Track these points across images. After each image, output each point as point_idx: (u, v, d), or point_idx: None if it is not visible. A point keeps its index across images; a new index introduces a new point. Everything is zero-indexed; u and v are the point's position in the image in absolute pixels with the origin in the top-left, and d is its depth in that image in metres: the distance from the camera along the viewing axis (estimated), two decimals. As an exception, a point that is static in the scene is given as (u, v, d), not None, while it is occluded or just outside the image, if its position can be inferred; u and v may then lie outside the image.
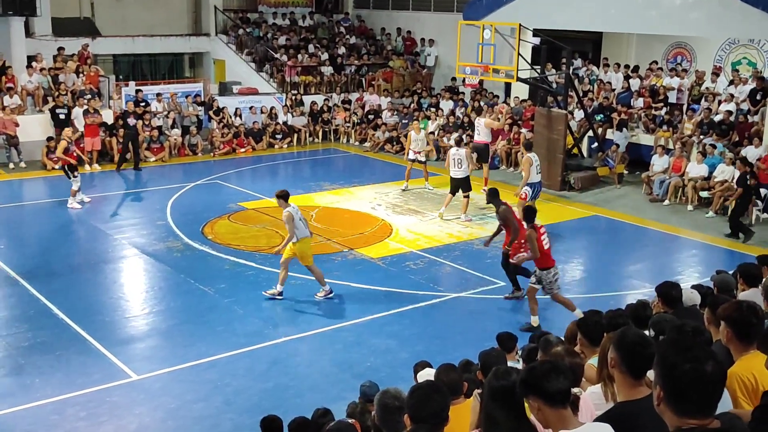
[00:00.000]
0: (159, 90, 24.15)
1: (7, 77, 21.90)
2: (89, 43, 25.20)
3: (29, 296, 11.89)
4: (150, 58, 29.54)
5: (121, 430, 8.25)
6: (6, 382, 9.31)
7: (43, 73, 22.57)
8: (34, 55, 23.34)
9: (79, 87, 22.48)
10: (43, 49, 24.17)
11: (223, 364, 9.82)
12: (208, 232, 15.40)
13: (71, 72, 23.02)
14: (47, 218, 16.80)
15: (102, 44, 26.79)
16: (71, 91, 22.30)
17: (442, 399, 3.97)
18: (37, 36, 25.20)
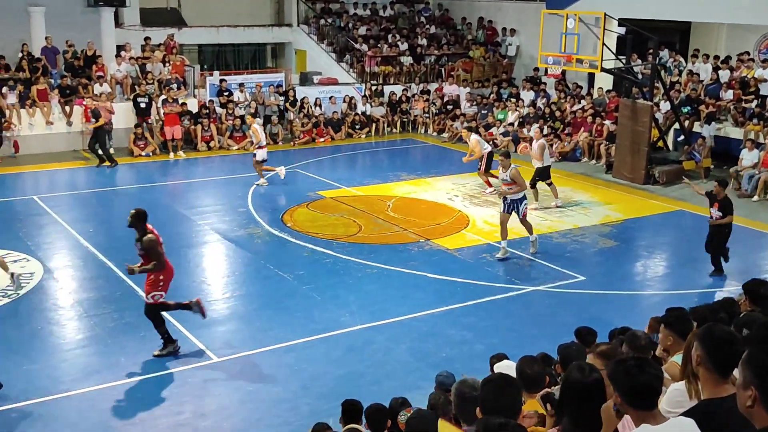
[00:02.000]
0: (242, 80, 24.60)
1: (98, 66, 22.66)
2: (175, 33, 25.81)
3: (116, 278, 12.29)
4: (234, 48, 30.08)
5: (201, 410, 8.46)
6: (93, 360, 9.66)
7: (131, 63, 23.26)
8: (123, 45, 24.08)
9: (165, 76, 23.08)
10: (131, 39, 24.91)
11: (301, 349, 9.96)
12: (287, 220, 15.63)
13: (158, 61, 23.64)
14: (134, 203, 17.27)
15: (187, 34, 27.42)
16: (158, 80, 22.92)
17: (514, 392, 3.93)
18: (126, 26, 25.98)
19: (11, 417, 8.24)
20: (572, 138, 21.87)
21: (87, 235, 14.34)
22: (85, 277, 12.47)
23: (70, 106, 21.51)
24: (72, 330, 10.53)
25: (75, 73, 22.48)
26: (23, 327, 10.48)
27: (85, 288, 12.03)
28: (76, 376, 9.23)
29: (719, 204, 12.50)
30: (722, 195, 12.53)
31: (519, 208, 13.37)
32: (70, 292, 11.83)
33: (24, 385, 8.90)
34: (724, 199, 12.51)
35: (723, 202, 12.49)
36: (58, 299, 11.57)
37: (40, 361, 9.56)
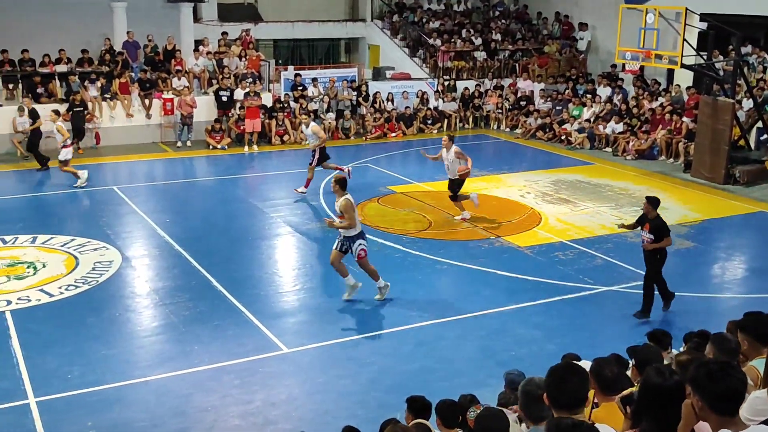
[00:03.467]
0: (316, 75, 24.81)
1: (176, 60, 23.18)
2: (251, 28, 26.21)
3: (191, 268, 12.57)
4: (308, 43, 30.36)
5: (271, 399, 8.59)
6: (168, 348, 9.90)
7: (209, 57, 23.72)
8: (201, 40, 24.57)
9: (241, 71, 23.47)
10: (209, 34, 25.40)
11: (369, 343, 10.01)
12: (358, 214, 15.67)
13: (235, 56, 24.05)
14: (210, 195, 17.71)
15: (263, 29, 27.81)
16: (234, 74, 23.32)
17: (581, 381, 3.86)
18: (204, 21, 26.51)
19: (90, 400, 8.51)
20: (649, 136, 21.36)
21: (164, 226, 14.70)
22: (161, 267, 12.79)
23: (149, 99, 22.08)
24: (148, 317, 10.82)
25: (154, 67, 23.05)
26: (102, 313, 10.81)
27: (162, 277, 12.33)
28: (151, 363, 9.48)
29: (650, 226, 10.64)
30: (653, 215, 10.68)
31: (352, 248, 11.13)
32: (147, 281, 12.15)
33: (102, 370, 9.19)
34: (655, 220, 10.65)
35: (654, 224, 10.62)
36: (136, 287, 11.90)
37: (118, 346, 9.85)
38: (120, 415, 8.22)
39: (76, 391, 8.66)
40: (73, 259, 12.83)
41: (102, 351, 9.67)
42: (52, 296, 11.36)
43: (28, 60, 21.81)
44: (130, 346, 9.92)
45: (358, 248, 11.08)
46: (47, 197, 17.01)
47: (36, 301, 11.17)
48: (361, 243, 11.12)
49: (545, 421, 3.83)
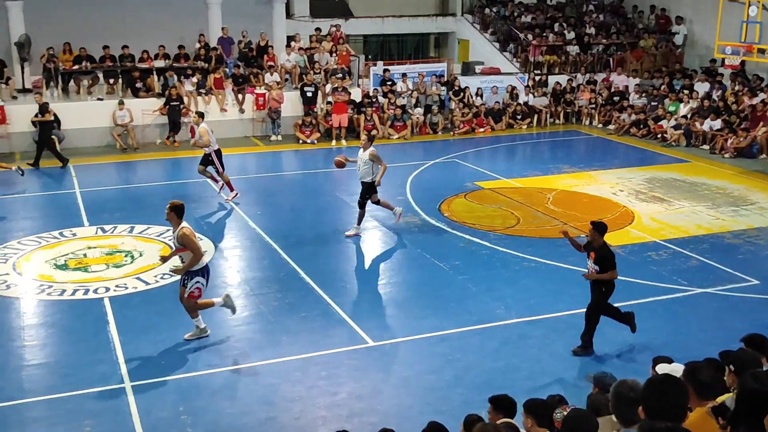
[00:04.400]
0: (405, 70, 24.85)
1: (269, 56, 23.61)
2: (342, 24, 26.44)
3: (281, 260, 12.80)
4: (398, 38, 30.45)
5: (357, 392, 8.66)
6: (257, 337, 10.11)
7: (300, 53, 24.07)
8: (293, 36, 24.96)
9: (331, 66, 23.71)
10: (301, 30, 25.79)
11: (455, 339, 9.97)
12: (444, 210, 15.66)
13: (325, 51, 24.32)
14: (299, 188, 17.98)
15: (354, 25, 28.04)
16: (324, 69, 23.58)
17: (680, 394, 3.74)
18: (296, 17, 26.94)
19: (182, 386, 8.77)
20: (749, 133, 20.52)
21: (255, 218, 15.01)
22: (251, 258, 13.06)
23: (242, 94, 22.56)
24: (238, 307, 11.02)
25: (248, 63, 23.53)
26: (195, 302, 11.11)
27: (252, 268, 12.60)
28: (241, 351, 9.70)
29: (596, 255, 9.48)
30: (599, 242, 9.48)
31: (188, 283, 9.64)
32: (238, 271, 12.43)
33: (194, 357, 9.46)
34: (601, 248, 9.47)
35: (600, 253, 9.46)
36: (227, 277, 12.19)
37: (210, 334, 10.10)
38: (210, 401, 8.44)
39: (170, 377, 8.95)
40: (169, 248, 13.23)
41: (194, 339, 9.93)
42: (148, 284, 11.75)
43: (128, 56, 22.60)
44: (220, 334, 10.17)
45: (194, 286, 9.61)
46: (144, 188, 17.61)
47: (133, 288, 11.59)
48: (198, 281, 9.64)
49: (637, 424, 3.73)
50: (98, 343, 9.79)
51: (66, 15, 23.16)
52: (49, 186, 17.53)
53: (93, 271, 12.28)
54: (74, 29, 22.87)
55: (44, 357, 9.51)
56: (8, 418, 8.14)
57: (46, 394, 8.62)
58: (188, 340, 9.83)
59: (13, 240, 13.64)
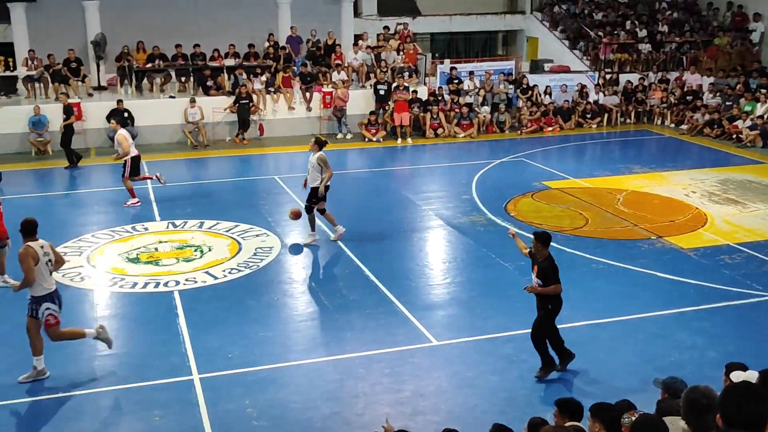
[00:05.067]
0: (472, 68, 24.72)
1: (336, 55, 23.76)
2: (409, 22, 26.45)
3: (346, 257, 12.88)
4: (465, 36, 30.32)
5: (420, 390, 8.65)
6: (321, 333, 10.20)
7: (367, 51, 24.16)
8: (360, 34, 25.07)
9: (398, 64, 23.73)
10: (368, 28, 25.90)
11: (520, 341, 9.85)
12: (510, 209, 15.52)
13: (392, 50, 24.36)
14: (364, 186, 18.06)
15: (421, 23, 28.02)
16: (391, 68, 23.62)
17: (761, 402, 3.61)
18: (363, 16, 27.05)
19: (249, 380, 8.90)
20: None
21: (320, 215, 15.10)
22: (317, 255, 13.17)
23: (309, 93, 22.76)
24: (304, 303, 11.18)
25: (315, 61, 23.74)
26: (261, 297, 11.28)
27: (317, 264, 12.71)
28: (306, 347, 9.80)
29: (538, 268, 8.77)
30: (543, 255, 8.80)
31: (38, 311, 8.68)
32: (304, 268, 12.55)
33: (260, 351, 9.59)
34: (545, 261, 8.75)
35: (542, 266, 8.75)
36: (293, 273, 12.32)
37: (275, 329, 10.24)
38: (275, 395, 8.55)
39: (236, 370, 9.09)
40: (237, 244, 13.47)
41: (260, 333, 10.08)
42: (217, 279, 11.97)
43: (199, 54, 23.04)
44: (286, 329, 10.29)
45: (45, 314, 8.67)
46: (214, 185, 17.94)
47: (202, 282, 11.81)
48: (48, 308, 8.67)
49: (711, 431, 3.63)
50: (168, 336, 10.01)
51: (141, 14, 23.75)
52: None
53: (164, 264, 12.56)
54: (148, 28, 23.44)
55: (116, 348, 9.75)
56: (82, 407, 8.39)
57: (118, 384, 8.86)
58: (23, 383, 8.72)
59: (87, 233, 14.06)
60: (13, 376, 8.91)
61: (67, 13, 23.19)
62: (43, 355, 8.87)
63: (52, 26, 23.03)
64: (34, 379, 8.82)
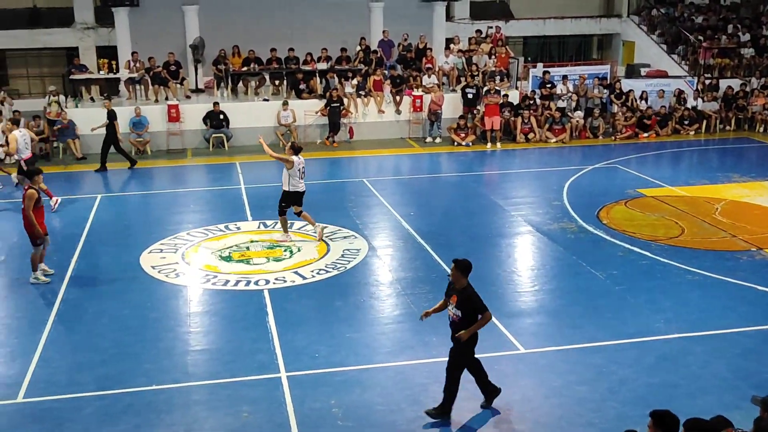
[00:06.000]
0: (566, 72, 24.33)
1: (427, 58, 23.78)
2: (502, 26, 26.24)
3: (432, 261, 12.86)
4: (559, 40, 29.91)
5: (506, 398, 8.54)
6: (407, 337, 10.19)
7: (459, 55, 24.08)
8: (452, 38, 25.03)
9: (489, 68, 23.57)
10: (460, 32, 25.84)
11: (610, 352, 9.64)
12: (603, 217, 15.19)
13: (484, 54, 24.21)
14: (452, 190, 18.00)
15: (514, 27, 27.80)
16: (482, 71, 23.48)
17: None
18: (456, 19, 27.01)
19: (335, 380, 8.99)
20: None
21: (408, 218, 15.16)
22: (404, 258, 13.20)
23: (400, 96, 22.85)
24: (390, 306, 11.21)
25: (406, 65, 23.81)
26: (348, 298, 11.38)
27: (404, 268, 12.73)
28: (391, 349, 9.83)
29: (458, 298, 7.98)
30: (461, 283, 8.00)
31: None
32: (391, 270, 12.59)
33: (346, 352, 9.68)
34: (464, 291, 7.96)
35: (463, 295, 7.95)
36: (380, 276, 12.38)
37: (361, 331, 10.31)
38: (361, 397, 8.60)
39: (323, 370, 9.19)
40: (325, 245, 13.63)
41: (347, 334, 10.17)
42: (305, 279, 12.14)
43: (292, 58, 23.45)
44: (372, 331, 10.35)
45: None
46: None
47: (291, 282, 12.00)
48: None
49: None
50: (257, 334, 10.21)
51: (237, 19, 24.35)
52: (217, 182, 18.48)
53: (255, 263, 12.83)
54: (245, 32, 24.01)
55: (207, 343, 10.03)
56: (173, 399, 8.64)
57: (208, 379, 9.09)
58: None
59: (183, 231, 14.49)
60: (110, 367, 9.27)
61: (167, 17, 23.98)
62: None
63: (154, 30, 23.85)
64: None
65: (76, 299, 11.39)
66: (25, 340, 10.09)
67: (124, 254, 13.28)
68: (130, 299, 11.39)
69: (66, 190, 17.64)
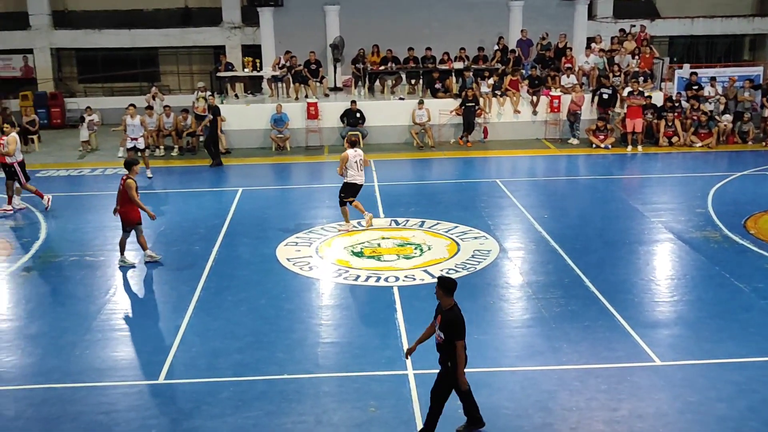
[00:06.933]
0: (714, 73, 23.23)
1: (567, 58, 23.29)
2: (647, 25, 25.34)
3: (565, 265, 12.58)
4: (707, 40, 28.57)
5: (638, 411, 8.25)
6: (537, 342, 10.02)
7: (600, 54, 23.44)
8: (593, 37, 24.39)
9: (632, 68, 22.81)
10: (602, 31, 25.19)
11: (753, 369, 9.12)
12: (750, 227, 14.39)
13: (627, 53, 23.45)
14: (588, 194, 17.55)
15: (659, 26, 26.82)
16: (624, 72, 22.75)
17: None
18: (598, 18, 26.31)
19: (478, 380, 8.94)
20: None
21: (541, 221, 14.90)
22: (536, 261, 12.99)
23: (537, 96, 22.50)
24: (519, 309, 11.06)
25: (545, 65, 23.41)
26: (477, 300, 11.30)
27: (536, 271, 12.52)
28: (520, 354, 9.69)
29: (442, 319, 7.46)
30: (447, 303, 7.46)
31: None
32: (521, 273, 12.42)
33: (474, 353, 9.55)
34: (449, 311, 7.42)
35: (447, 316, 7.41)
36: (510, 278, 12.24)
37: (490, 333, 10.22)
38: (487, 399, 8.52)
39: (449, 370, 9.16)
40: (455, 245, 13.61)
41: (475, 335, 10.08)
42: (434, 278, 12.15)
43: (429, 57, 23.55)
44: (500, 334, 10.25)
45: None
46: (436, 186, 18.28)
47: (420, 280, 12.06)
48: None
49: None
50: (386, 329, 10.32)
51: (377, 18, 24.71)
52: (351, 178, 18.81)
53: (385, 260, 12.98)
54: (383, 32, 24.34)
55: (337, 336, 10.23)
56: (304, 389, 8.87)
57: (338, 372, 9.27)
58: None
59: (317, 226, 14.85)
60: (245, 355, 9.63)
61: (310, 16, 24.66)
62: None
63: (296, 29, 24.57)
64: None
65: (217, 287, 11.90)
66: (168, 324, 10.64)
67: (262, 246, 13.76)
68: (267, 290, 11.79)
69: (210, 182, 18.49)
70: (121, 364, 9.58)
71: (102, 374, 9.32)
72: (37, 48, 27.41)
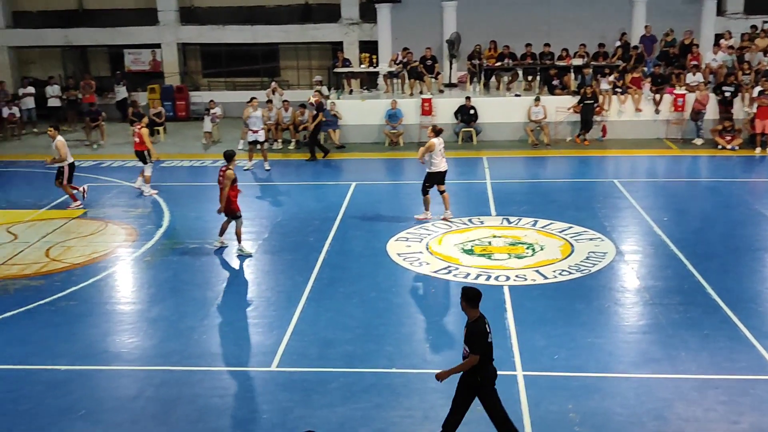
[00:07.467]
0: None
1: (692, 55, 22.39)
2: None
3: (685, 271, 12.11)
4: None
5: (761, 425, 7.86)
6: (653, 349, 9.68)
7: (729, 52, 22.42)
8: (722, 33, 23.35)
9: (763, 67, 21.69)
10: (732, 27, 24.06)
11: None
12: None
13: (759, 50, 22.32)
14: (712, 197, 16.83)
15: (795, 22, 25.29)
16: (755, 70, 21.67)
17: None
18: (727, 14, 25.16)
19: (572, 384, 8.76)
20: None
21: (661, 224, 14.39)
22: (654, 265, 12.56)
23: (660, 95, 21.72)
24: (635, 314, 10.73)
25: (668, 62, 22.59)
26: (591, 302, 11.04)
27: (654, 275, 12.11)
28: (635, 360, 9.40)
29: (466, 331, 7.12)
30: (472, 315, 7.07)
31: None
32: (638, 277, 12.03)
33: (586, 357, 9.40)
34: (472, 324, 7.07)
35: (468, 329, 7.10)
36: (626, 282, 11.88)
37: (603, 337, 9.97)
38: (599, 404, 8.33)
39: (560, 373, 9.01)
40: (569, 245, 13.33)
41: (588, 339, 9.88)
42: (546, 278, 11.96)
43: (547, 54, 23.13)
44: (615, 339, 9.97)
45: None
46: (551, 184, 17.95)
47: (531, 280, 11.88)
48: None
49: None
50: (495, 329, 10.06)
51: (494, 14, 24.46)
52: (463, 175, 18.71)
53: (496, 259, 12.85)
54: (501, 27, 24.09)
55: (445, 333, 10.23)
56: (412, 384, 8.90)
57: (445, 368, 9.22)
58: None
59: (428, 222, 14.85)
60: (356, 346, 9.74)
61: (427, 13, 24.67)
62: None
63: (413, 25, 24.63)
64: None
65: (329, 279, 12.11)
66: (282, 312, 10.90)
67: (373, 240, 13.89)
68: (377, 283, 11.90)
69: (325, 176, 18.82)
70: (235, 350, 9.90)
71: (218, 359, 9.65)
72: (165, 43, 28.56)
